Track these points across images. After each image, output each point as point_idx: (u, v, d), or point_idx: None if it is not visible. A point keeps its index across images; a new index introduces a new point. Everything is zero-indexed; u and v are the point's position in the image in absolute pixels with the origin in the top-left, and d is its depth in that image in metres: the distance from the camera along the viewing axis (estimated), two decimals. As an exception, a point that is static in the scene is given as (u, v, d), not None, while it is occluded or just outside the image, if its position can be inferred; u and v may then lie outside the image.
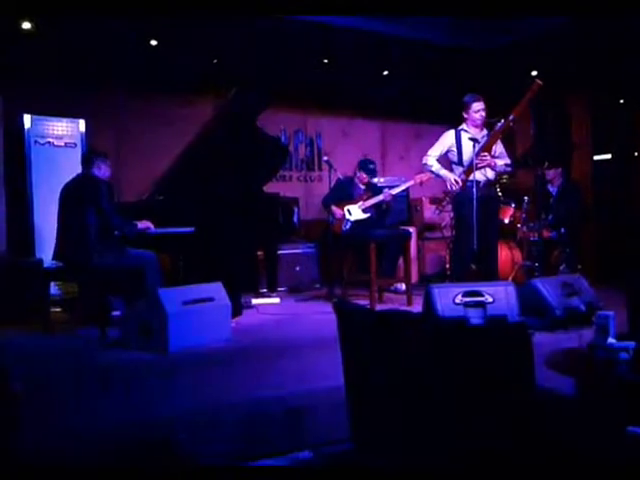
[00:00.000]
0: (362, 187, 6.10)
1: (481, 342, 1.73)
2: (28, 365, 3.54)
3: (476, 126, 5.05)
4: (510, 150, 5.42)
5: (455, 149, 5.07)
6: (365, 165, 6.13)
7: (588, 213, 6.88)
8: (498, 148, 5.10)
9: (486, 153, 4.91)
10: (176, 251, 5.18)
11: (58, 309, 5.28)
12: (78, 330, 4.59)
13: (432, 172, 5.18)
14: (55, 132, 5.83)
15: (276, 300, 5.92)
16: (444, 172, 5.09)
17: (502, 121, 4.89)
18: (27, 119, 5.68)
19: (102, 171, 4.68)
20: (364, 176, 6.09)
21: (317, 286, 6.83)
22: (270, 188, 5.75)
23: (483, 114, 5.02)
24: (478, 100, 5.03)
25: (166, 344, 3.74)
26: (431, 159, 5.14)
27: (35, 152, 5.71)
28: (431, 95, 7.34)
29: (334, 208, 5.87)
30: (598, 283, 4.91)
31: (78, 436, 2.53)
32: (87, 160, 4.73)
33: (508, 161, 5.20)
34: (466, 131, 5.05)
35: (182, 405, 2.84)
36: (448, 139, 5.12)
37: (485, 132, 5.08)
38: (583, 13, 5.28)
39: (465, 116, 5.08)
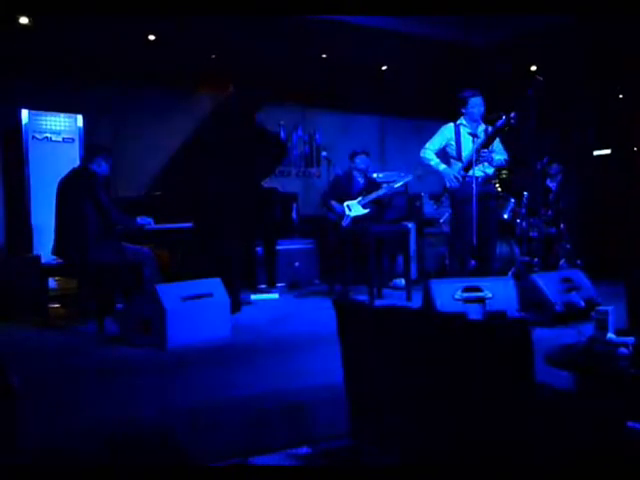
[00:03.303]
0: (361, 181, 6.04)
1: (481, 337, 1.72)
2: (26, 360, 3.53)
3: (474, 121, 5.00)
4: (510, 145, 5.39)
5: (454, 143, 5.02)
6: (358, 153, 6.02)
7: (587, 208, 6.88)
8: (495, 143, 5.08)
9: (485, 149, 4.88)
10: (175, 246, 5.17)
11: (56, 305, 5.27)
12: (76, 326, 4.59)
13: (430, 166, 5.10)
14: (53, 127, 5.81)
15: (275, 296, 5.91)
16: (443, 167, 5.01)
17: (503, 118, 4.84)
18: (25, 114, 5.66)
19: (101, 168, 4.68)
20: (361, 163, 6.00)
21: (316, 282, 6.82)
22: (269, 184, 5.74)
23: (482, 109, 4.97)
24: (476, 95, 4.98)
25: (164, 340, 3.74)
26: (429, 152, 5.06)
27: (33, 147, 5.69)
28: (430, 90, 7.32)
29: (334, 204, 5.84)
30: (597, 278, 4.90)
31: (75, 432, 2.52)
32: (89, 155, 4.73)
33: (505, 156, 5.17)
34: (465, 126, 5.00)
35: (180, 401, 2.84)
36: (447, 132, 5.06)
37: (483, 127, 5.03)
38: (584, 9, 5.27)
39: (463, 111, 5.02)
